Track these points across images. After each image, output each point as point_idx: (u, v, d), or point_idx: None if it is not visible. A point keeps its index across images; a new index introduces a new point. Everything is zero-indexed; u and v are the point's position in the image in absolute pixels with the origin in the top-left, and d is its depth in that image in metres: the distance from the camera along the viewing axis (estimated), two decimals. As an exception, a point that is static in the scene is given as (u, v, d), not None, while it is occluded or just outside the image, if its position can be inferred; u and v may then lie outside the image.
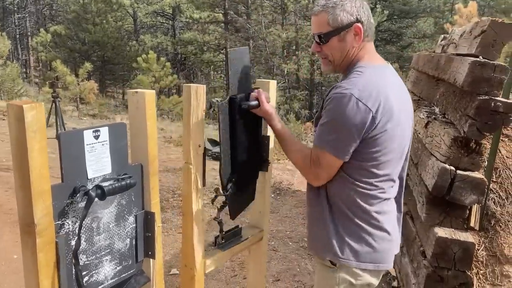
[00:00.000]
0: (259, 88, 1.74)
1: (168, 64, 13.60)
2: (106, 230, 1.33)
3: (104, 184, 1.23)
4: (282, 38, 17.71)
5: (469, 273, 2.46)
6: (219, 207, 1.77)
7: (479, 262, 2.60)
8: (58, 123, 5.73)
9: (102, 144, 1.28)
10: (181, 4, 23.61)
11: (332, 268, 1.62)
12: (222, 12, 22.82)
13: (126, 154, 1.36)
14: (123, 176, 1.31)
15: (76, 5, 23.47)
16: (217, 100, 1.63)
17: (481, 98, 2.34)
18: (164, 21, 27.89)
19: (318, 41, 1.57)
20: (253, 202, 2.03)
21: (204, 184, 1.70)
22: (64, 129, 6.06)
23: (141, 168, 1.42)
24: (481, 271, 2.57)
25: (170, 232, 4.12)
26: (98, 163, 1.27)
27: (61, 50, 23.90)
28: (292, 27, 19.42)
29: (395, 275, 3.39)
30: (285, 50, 21.04)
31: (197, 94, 1.56)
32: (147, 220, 1.46)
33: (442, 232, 2.52)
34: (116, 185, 1.25)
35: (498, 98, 2.37)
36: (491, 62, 2.36)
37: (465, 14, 9.64)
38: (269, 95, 1.78)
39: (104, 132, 1.28)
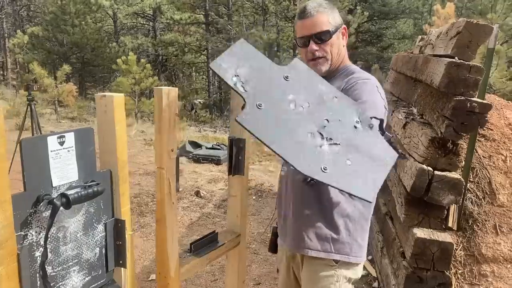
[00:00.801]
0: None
1: (148, 65, 13.45)
2: (73, 239, 1.27)
3: (70, 192, 1.18)
4: (264, 39, 17.70)
5: (447, 273, 2.47)
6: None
7: (458, 262, 2.61)
8: (34, 127, 5.60)
9: (68, 151, 1.23)
10: (161, 5, 23.40)
11: (333, 265, 1.65)
12: (203, 13, 22.72)
13: (94, 160, 1.31)
14: (90, 184, 1.26)
15: (54, 6, 23.02)
16: (199, 102, 1.62)
17: (457, 98, 2.35)
18: (144, 22, 27.59)
19: (319, 40, 1.65)
20: (230, 205, 2.00)
21: (177, 189, 1.66)
22: (41, 133, 5.92)
23: (110, 174, 1.37)
24: (460, 271, 2.58)
25: (150, 237, 4.05)
26: (64, 170, 1.22)
27: (39, 52, 23.44)
28: (274, 29, 19.44)
29: (375, 276, 3.39)
30: (266, 52, 21.04)
31: (169, 98, 1.52)
32: (118, 228, 1.41)
33: (420, 232, 2.53)
34: (83, 193, 1.20)
35: (474, 99, 2.38)
36: (467, 63, 2.38)
37: (443, 15, 9.78)
38: None
39: (70, 138, 1.23)
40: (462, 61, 2.40)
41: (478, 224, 2.70)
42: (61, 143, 1.21)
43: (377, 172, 1.20)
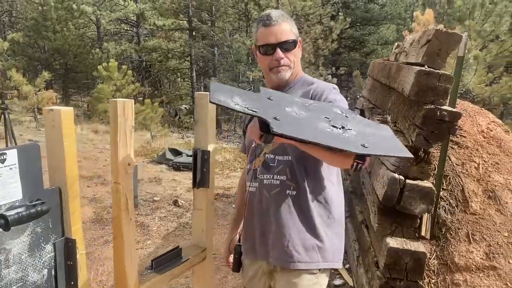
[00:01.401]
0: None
1: (130, 72, 13.29)
2: (17, 261, 1.21)
3: (10, 213, 1.12)
4: (247, 45, 17.69)
5: (421, 283, 2.44)
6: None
7: (431, 271, 2.59)
8: (8, 136, 5.47)
9: (10, 168, 1.16)
10: (145, 11, 23.28)
11: (316, 273, 1.65)
12: (186, 19, 22.66)
13: (40, 178, 1.25)
14: (35, 203, 1.20)
15: (35, 12, 22.73)
16: (184, 107, 1.62)
17: (427, 107, 2.34)
18: (128, 28, 27.40)
19: (284, 49, 1.67)
20: (195, 219, 1.95)
21: (136, 205, 1.60)
22: (15, 142, 5.79)
23: (59, 192, 1.31)
24: (433, 280, 2.56)
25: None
26: (5, 189, 1.15)
27: (21, 59, 23.09)
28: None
29: (352, 285, 3.36)
30: (250, 57, 21.06)
31: (125, 110, 1.47)
32: (68, 248, 1.35)
33: (393, 242, 2.50)
34: (24, 213, 1.14)
35: (443, 107, 2.37)
36: (436, 71, 2.37)
37: (422, 22, 9.89)
38: None
39: (12, 155, 1.17)
40: (431, 69, 2.39)
41: (451, 232, 2.68)
42: (2, 161, 1.15)
43: (391, 137, 1.35)
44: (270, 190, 1.68)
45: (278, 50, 1.65)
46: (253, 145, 1.80)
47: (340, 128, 1.26)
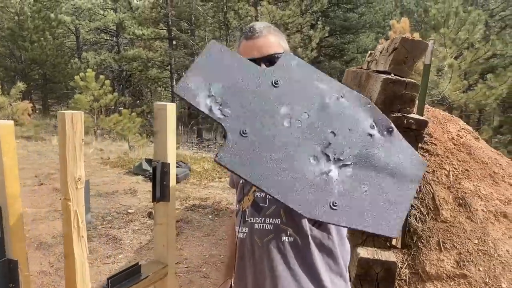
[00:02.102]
0: None
1: (107, 82, 13.11)
2: (-51, 287, 1.13)
3: None
4: (227, 54, 17.70)
5: (392, 293, 2.41)
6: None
7: (402, 281, 2.56)
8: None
9: None
10: (125, 20, 23.13)
11: None
12: (166, 28, 22.59)
13: (-24, 196, 1.18)
14: (-32, 223, 1.12)
15: (11, 21, 22.40)
16: None
17: (394, 115, 2.33)
18: (108, 38, 27.20)
19: (270, 63, 1.37)
20: (156, 234, 1.88)
21: (89, 221, 1.53)
22: (-16, 155, 5.61)
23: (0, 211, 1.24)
24: (404, 290, 2.53)
25: (95, 263, 3.85)
26: None
27: (-4, 69, 22.71)
28: (237, 43, 19.50)
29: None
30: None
31: (73, 122, 1.40)
32: (10, 270, 1.27)
33: (364, 252, 2.47)
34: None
35: (410, 115, 2.37)
36: (402, 79, 2.36)
37: (398, 30, 10.02)
38: None
39: None
40: (398, 77, 2.39)
41: (422, 241, 2.67)
42: None
43: (402, 194, 0.93)
44: (263, 236, 1.39)
45: (262, 65, 1.37)
46: (241, 181, 1.50)
47: (330, 160, 0.92)
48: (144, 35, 21.15)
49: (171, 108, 1.83)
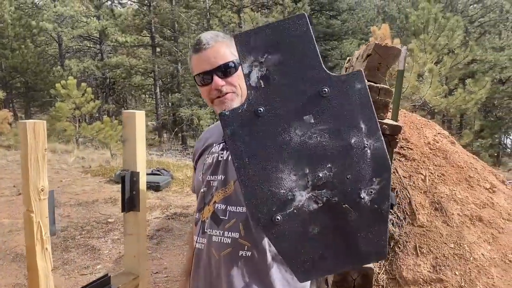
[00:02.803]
0: None
1: (89, 89, 12.98)
2: None
3: None
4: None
5: (369, 300, 2.40)
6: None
7: (380, 287, 2.56)
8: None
9: None
10: (108, 27, 22.98)
11: None
12: (149, 35, 22.51)
13: None
14: None
15: (-9, 29, 22.10)
16: (151, 124, 1.40)
17: (367, 121, 2.33)
18: (91, 45, 26.97)
19: (223, 74, 1.37)
20: (126, 245, 1.84)
21: (54, 233, 1.49)
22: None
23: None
24: (382, 296, 2.53)
25: (72, 274, 3.77)
26: None
27: (-24, 78, 22.35)
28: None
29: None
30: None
31: (35, 132, 1.37)
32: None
33: (341, 258, 2.46)
34: None
35: (384, 121, 2.37)
36: (375, 85, 2.37)
37: (379, 36, 10.13)
38: None
39: None
40: (371, 83, 2.39)
41: (399, 246, 2.67)
42: None
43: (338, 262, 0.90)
44: (220, 250, 1.35)
45: (216, 77, 1.36)
46: (202, 189, 1.46)
47: (308, 187, 0.87)
48: (127, 42, 21.04)
49: (140, 116, 1.81)
